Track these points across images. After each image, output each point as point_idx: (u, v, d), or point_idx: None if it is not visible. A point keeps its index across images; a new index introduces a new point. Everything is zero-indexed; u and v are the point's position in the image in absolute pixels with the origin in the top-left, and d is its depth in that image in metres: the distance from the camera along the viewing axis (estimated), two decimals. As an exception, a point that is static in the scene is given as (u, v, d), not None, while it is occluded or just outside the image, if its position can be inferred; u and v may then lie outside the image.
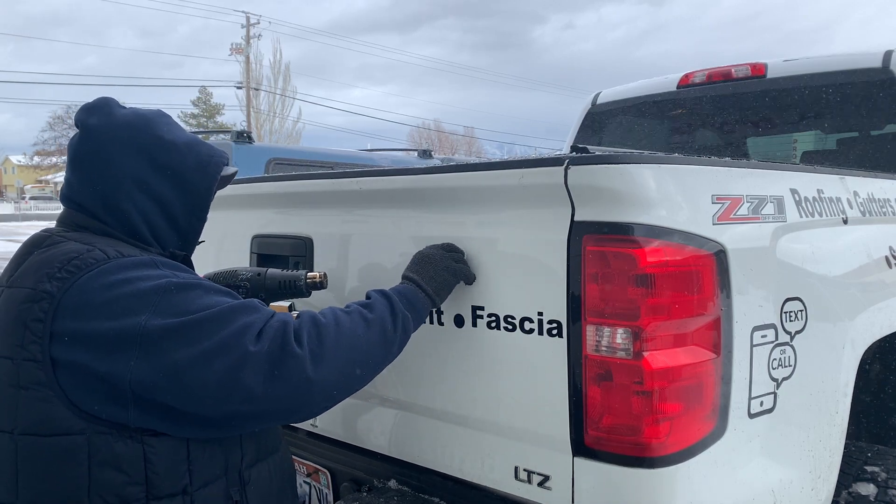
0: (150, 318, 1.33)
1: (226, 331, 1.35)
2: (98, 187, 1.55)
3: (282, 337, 1.38)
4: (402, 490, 1.97)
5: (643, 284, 1.45)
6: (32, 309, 1.37)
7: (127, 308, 1.34)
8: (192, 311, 1.36)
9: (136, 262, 1.42)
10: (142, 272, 1.40)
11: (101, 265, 1.39)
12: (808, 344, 1.75)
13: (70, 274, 1.38)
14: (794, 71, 3.48)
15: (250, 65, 38.43)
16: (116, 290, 1.36)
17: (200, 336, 1.34)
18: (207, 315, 1.36)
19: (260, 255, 2.27)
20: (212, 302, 1.39)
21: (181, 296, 1.37)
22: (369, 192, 1.96)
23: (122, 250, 1.46)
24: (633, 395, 1.46)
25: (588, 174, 1.48)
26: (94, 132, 1.57)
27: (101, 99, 1.64)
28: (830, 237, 1.96)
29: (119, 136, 1.57)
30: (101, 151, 1.56)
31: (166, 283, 1.38)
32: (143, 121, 1.61)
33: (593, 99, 4.25)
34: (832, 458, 1.85)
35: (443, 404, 1.83)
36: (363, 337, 1.51)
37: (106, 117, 1.59)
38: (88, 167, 1.56)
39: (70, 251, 1.43)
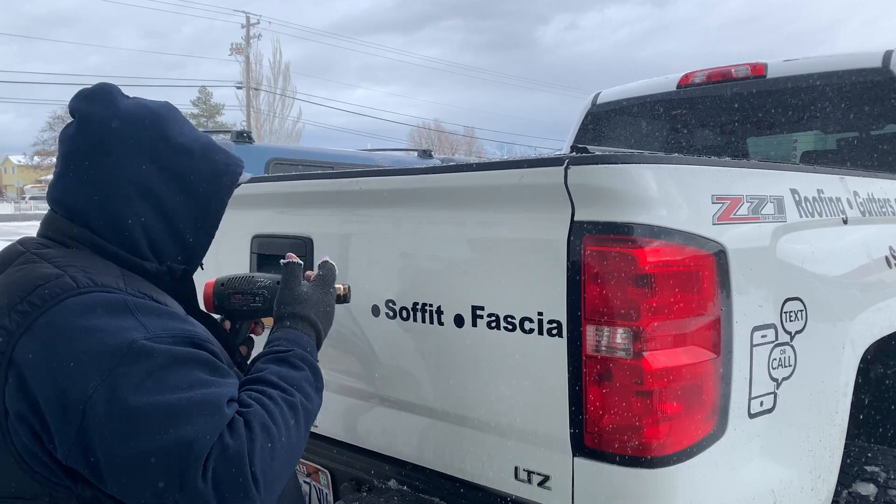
0: (98, 386, 1.12)
1: (176, 437, 1.12)
2: (94, 190, 1.35)
3: (236, 473, 1.15)
4: (402, 490, 1.97)
5: (643, 284, 1.45)
6: None
7: (79, 367, 1.14)
8: (146, 391, 1.14)
9: (106, 303, 1.21)
10: (108, 321, 1.18)
11: (67, 298, 1.19)
12: (808, 344, 1.75)
13: (32, 307, 1.18)
14: (794, 71, 3.48)
15: (250, 65, 38.44)
16: (74, 342, 1.15)
17: (145, 432, 1.12)
18: (161, 407, 1.13)
19: (260, 255, 2.27)
20: (174, 382, 1.16)
21: (140, 365, 1.15)
22: (369, 192, 1.96)
23: (97, 278, 1.25)
24: (633, 395, 1.46)
25: (588, 174, 1.48)
26: (93, 124, 1.37)
27: (101, 85, 1.44)
28: (830, 237, 1.96)
29: (123, 131, 1.37)
30: (100, 148, 1.36)
31: (128, 346, 1.16)
32: (152, 116, 1.42)
33: (593, 99, 4.24)
34: (832, 458, 1.85)
35: (443, 404, 1.83)
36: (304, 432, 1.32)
37: (108, 108, 1.39)
38: (85, 165, 1.36)
39: (38, 277, 1.23)
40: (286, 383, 1.32)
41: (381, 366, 1.98)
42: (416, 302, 1.83)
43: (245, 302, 1.75)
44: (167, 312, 1.28)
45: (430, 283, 1.82)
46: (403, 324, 1.87)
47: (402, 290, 1.88)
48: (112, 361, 1.14)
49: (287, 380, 1.33)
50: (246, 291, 1.75)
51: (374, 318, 1.93)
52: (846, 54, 3.42)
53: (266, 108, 39.24)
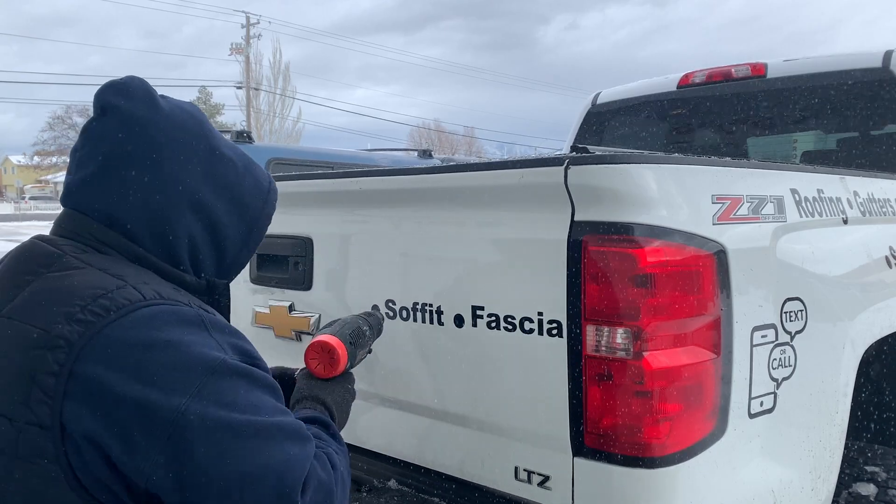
0: (190, 402, 1.04)
1: (276, 458, 1.08)
2: (145, 198, 1.23)
3: (325, 497, 1.14)
4: (402, 490, 1.97)
5: (643, 284, 1.45)
6: (45, 359, 1.05)
7: (166, 381, 1.04)
8: (241, 410, 1.08)
9: (180, 315, 1.12)
10: (188, 334, 1.10)
11: (136, 310, 1.09)
12: (808, 344, 1.75)
13: (96, 317, 1.07)
14: (794, 71, 3.48)
15: (250, 65, 38.44)
16: (155, 353, 1.06)
17: (245, 450, 1.06)
18: (259, 427, 1.08)
19: (260, 255, 2.27)
20: (263, 404, 1.12)
21: (231, 384, 1.09)
22: (369, 192, 1.96)
23: (160, 289, 1.16)
24: (634, 395, 1.46)
25: (588, 174, 1.48)
26: (140, 126, 1.24)
27: (136, 80, 1.30)
28: (830, 237, 1.96)
29: (176, 138, 1.27)
30: (152, 154, 1.24)
31: (219, 362, 1.09)
32: (197, 122, 1.32)
33: (593, 99, 4.24)
34: (832, 458, 1.85)
35: (443, 404, 1.83)
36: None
37: (152, 108, 1.27)
38: (133, 171, 1.23)
39: (95, 285, 1.11)
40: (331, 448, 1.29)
41: (380, 366, 1.98)
42: (416, 302, 1.83)
43: (363, 356, 1.68)
44: (234, 331, 1.21)
45: (430, 283, 1.82)
46: (403, 324, 1.87)
47: (402, 290, 1.88)
48: (203, 376, 1.06)
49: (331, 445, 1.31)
50: (364, 345, 1.67)
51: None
52: (846, 54, 3.42)
53: (266, 108, 39.26)
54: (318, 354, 1.54)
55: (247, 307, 2.31)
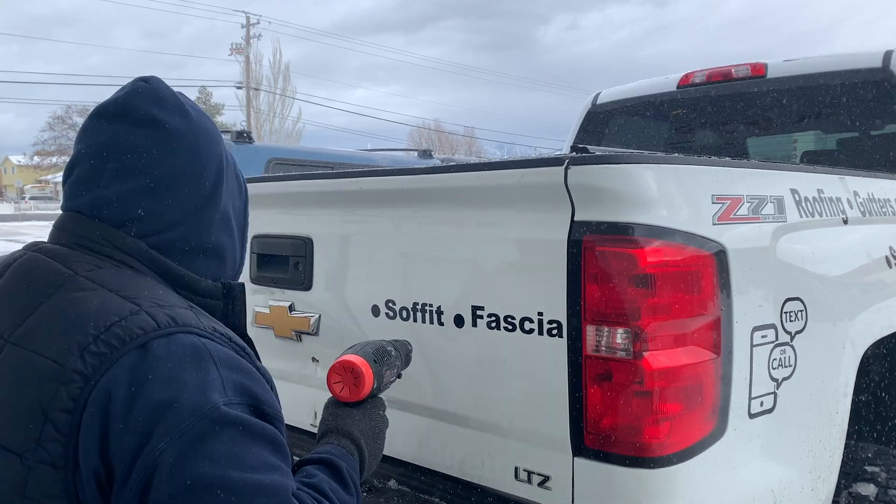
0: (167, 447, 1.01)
1: None
2: (186, 213, 1.24)
3: None
4: (402, 490, 1.97)
5: (643, 284, 1.45)
6: (59, 394, 1.02)
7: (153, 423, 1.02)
8: (218, 464, 1.03)
9: (190, 350, 1.09)
10: (191, 373, 1.06)
11: (150, 340, 1.06)
12: (809, 344, 1.75)
13: (110, 349, 1.04)
14: (794, 71, 3.48)
15: (250, 65, 38.45)
16: (154, 393, 1.03)
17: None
18: (232, 484, 1.03)
19: (260, 255, 2.27)
20: (247, 459, 1.06)
21: (217, 434, 1.04)
22: (369, 192, 1.96)
23: (174, 314, 1.12)
24: (634, 395, 1.46)
25: (588, 174, 1.48)
26: (183, 140, 1.24)
27: (162, 85, 1.28)
28: (830, 237, 1.96)
29: (211, 151, 1.27)
30: (201, 171, 1.25)
31: (209, 409, 1.04)
32: (214, 128, 1.33)
33: (593, 99, 4.24)
34: (832, 458, 1.85)
35: (443, 404, 1.83)
36: None
37: (187, 119, 1.26)
38: (182, 188, 1.23)
39: (108, 311, 1.08)
40: (337, 500, 1.24)
41: (381, 366, 1.98)
42: (416, 302, 1.83)
43: (390, 377, 1.60)
44: (244, 368, 1.15)
45: (430, 283, 1.82)
46: (403, 324, 1.87)
47: (402, 290, 1.88)
48: (188, 422, 1.02)
49: (339, 497, 1.25)
50: (391, 365, 1.59)
51: (375, 318, 1.93)
52: (846, 54, 3.42)
53: (266, 108, 39.26)
54: (342, 375, 1.46)
55: (247, 307, 2.31)
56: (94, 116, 1.27)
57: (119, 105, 1.24)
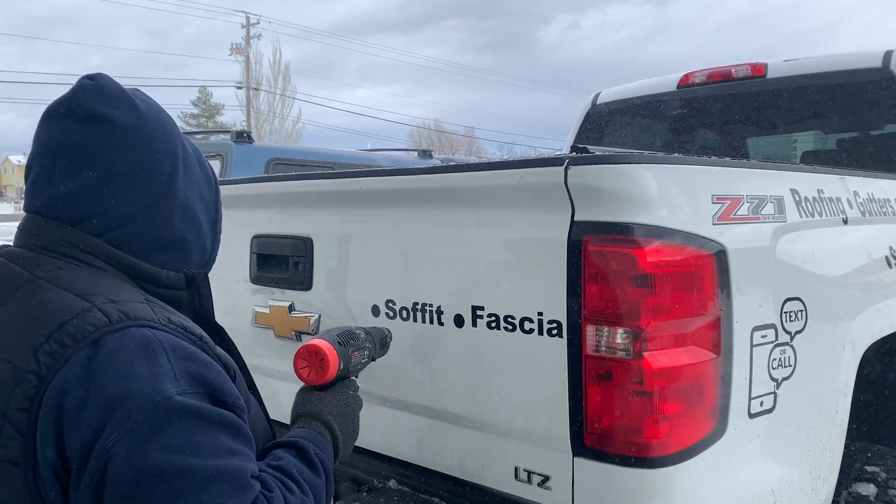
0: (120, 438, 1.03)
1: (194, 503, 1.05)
2: (143, 208, 1.24)
3: None
4: (402, 490, 1.97)
5: (643, 284, 1.45)
6: (14, 394, 1.05)
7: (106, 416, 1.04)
8: (173, 452, 1.04)
9: (141, 343, 1.10)
10: (143, 365, 1.08)
11: (102, 336, 1.08)
12: (808, 344, 1.75)
13: (63, 348, 1.06)
14: (794, 71, 3.48)
15: (250, 65, 38.45)
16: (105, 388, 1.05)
17: (166, 495, 1.03)
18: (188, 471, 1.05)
19: (259, 255, 2.27)
20: (203, 446, 1.07)
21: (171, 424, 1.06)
22: (369, 192, 1.96)
23: (127, 308, 1.13)
24: (633, 395, 1.46)
25: (588, 174, 1.48)
26: (132, 135, 1.24)
27: (109, 82, 1.28)
28: (830, 237, 1.96)
29: (163, 143, 1.28)
30: (151, 165, 1.25)
31: (162, 400, 1.06)
32: (170, 122, 1.32)
33: (593, 99, 4.24)
34: (832, 458, 1.85)
35: (443, 404, 1.83)
36: None
37: (133, 113, 1.26)
38: (134, 183, 1.23)
39: (62, 310, 1.10)
40: (304, 481, 1.25)
41: (381, 366, 1.98)
42: (416, 302, 1.83)
43: (359, 359, 1.62)
44: (199, 358, 1.16)
45: (430, 283, 1.82)
46: (403, 324, 1.87)
47: (402, 290, 1.88)
48: (140, 414, 1.04)
49: (305, 477, 1.26)
50: (359, 347, 1.62)
51: (375, 318, 1.93)
52: (846, 54, 3.42)
53: (266, 108, 39.26)
54: (307, 360, 1.49)
55: (247, 307, 2.31)
56: (43, 117, 1.27)
57: (65, 104, 1.25)
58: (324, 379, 1.49)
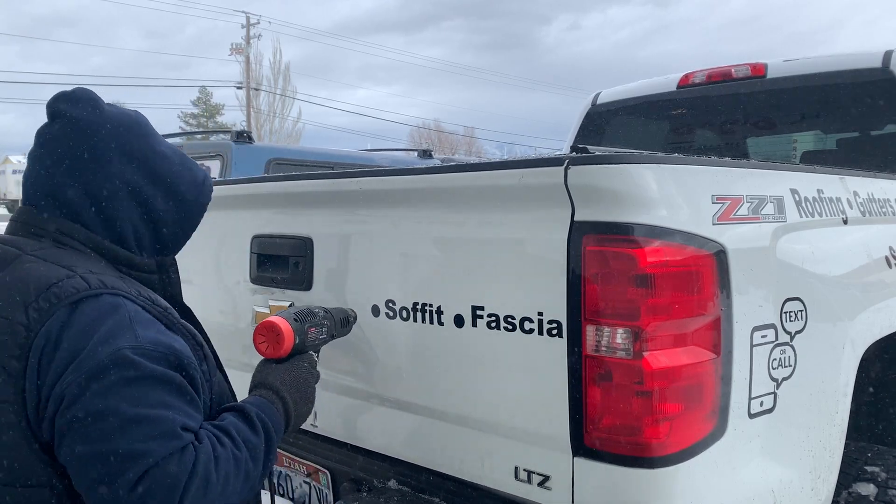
0: (73, 383, 1.23)
1: (123, 446, 1.20)
2: (89, 190, 1.43)
3: (163, 499, 1.21)
4: (402, 490, 1.97)
5: (643, 284, 1.45)
6: (8, 344, 1.26)
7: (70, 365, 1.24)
8: (111, 398, 1.22)
9: (111, 308, 1.30)
10: (108, 325, 1.28)
11: (81, 298, 1.29)
12: (808, 344, 1.75)
13: (49, 305, 1.27)
14: (794, 71, 3.48)
15: (250, 65, 38.44)
16: (74, 341, 1.25)
17: (100, 434, 1.21)
18: (119, 416, 1.21)
19: (260, 255, 2.27)
20: (139, 396, 1.24)
21: (115, 374, 1.23)
22: (369, 192, 1.96)
23: (104, 279, 1.35)
24: (633, 395, 1.46)
25: (588, 174, 1.48)
26: (84, 128, 1.44)
27: (82, 90, 1.51)
28: (830, 237, 1.96)
29: (115, 136, 1.46)
30: (94, 150, 1.44)
31: (113, 352, 1.25)
32: (136, 124, 1.52)
33: (593, 99, 4.24)
34: (832, 458, 1.85)
35: (443, 404, 1.83)
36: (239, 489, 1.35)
37: (94, 112, 1.47)
38: (78, 167, 1.43)
39: (49, 276, 1.31)
40: (240, 438, 1.38)
41: (381, 366, 1.98)
42: (416, 302, 1.83)
43: (317, 335, 1.74)
44: (157, 324, 1.36)
45: (430, 283, 1.82)
46: (403, 324, 1.87)
47: (402, 290, 1.88)
48: (93, 365, 1.23)
49: (242, 436, 1.39)
50: (317, 324, 1.74)
51: (374, 318, 1.94)
52: (846, 54, 3.42)
53: (266, 108, 39.24)
54: (264, 335, 1.62)
55: (247, 307, 2.31)
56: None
57: (47, 108, 1.48)
58: (279, 353, 1.62)
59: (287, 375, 1.61)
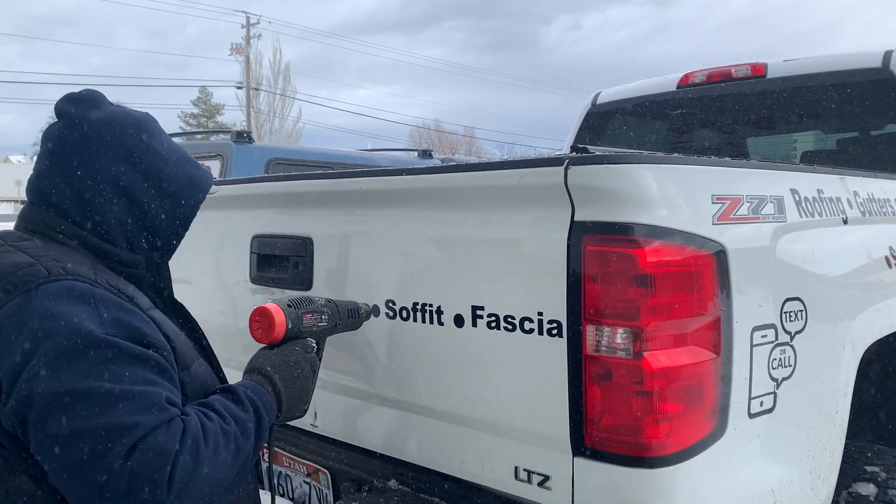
0: (41, 366, 1.22)
1: (110, 420, 1.21)
2: (78, 186, 1.46)
3: (155, 469, 1.21)
4: (402, 490, 1.97)
5: (643, 284, 1.45)
6: None
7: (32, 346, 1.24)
8: (90, 377, 1.22)
9: (73, 291, 1.31)
10: (70, 307, 1.28)
11: (40, 285, 1.30)
12: (808, 344, 1.75)
13: (6, 293, 1.29)
14: (794, 71, 3.48)
15: (250, 65, 38.44)
16: (35, 323, 1.26)
17: (81, 412, 1.20)
18: (102, 393, 1.22)
19: (260, 255, 2.27)
20: (120, 374, 1.25)
21: (90, 355, 1.24)
22: (369, 192, 1.96)
23: (68, 266, 1.35)
24: (633, 395, 1.46)
25: (588, 174, 1.48)
26: (79, 126, 1.48)
27: (88, 91, 1.55)
28: (830, 237, 1.96)
29: (106, 134, 1.48)
30: (85, 148, 1.47)
31: (83, 334, 1.25)
32: (134, 122, 1.54)
33: (593, 99, 4.24)
34: (832, 458, 1.85)
35: (443, 404, 1.83)
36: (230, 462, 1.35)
37: (93, 111, 1.51)
38: (70, 163, 1.47)
39: (11, 265, 1.34)
40: (228, 413, 1.39)
41: (381, 366, 1.98)
42: (416, 302, 1.83)
43: (315, 321, 1.72)
44: (127, 308, 1.37)
45: (430, 283, 1.82)
46: (403, 324, 1.87)
47: (402, 290, 1.88)
48: (61, 345, 1.23)
49: (230, 411, 1.40)
50: (313, 310, 1.73)
51: (375, 317, 1.94)
52: (846, 54, 3.42)
53: (266, 108, 39.23)
54: (259, 321, 1.64)
55: (247, 307, 2.31)
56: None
57: (53, 109, 1.52)
58: (270, 337, 1.63)
59: (278, 359, 1.60)
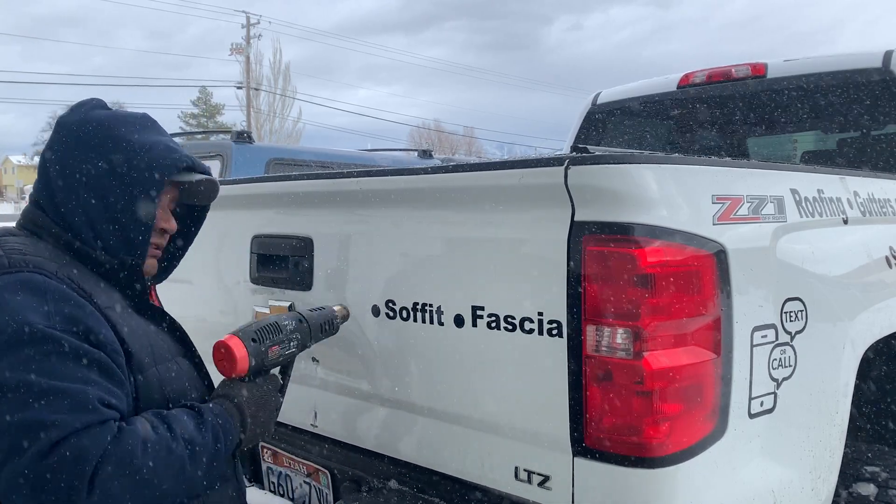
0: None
1: (33, 416, 1.20)
2: (51, 184, 1.52)
3: (72, 471, 1.19)
4: (402, 490, 1.97)
5: (643, 284, 1.45)
6: None
7: None
8: (21, 370, 1.23)
9: (27, 283, 1.33)
10: (21, 299, 1.30)
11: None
12: (809, 344, 1.75)
13: None
14: (794, 71, 3.48)
15: (250, 65, 38.43)
16: None
17: (7, 404, 1.21)
18: (29, 387, 1.22)
19: (260, 255, 2.27)
20: (53, 370, 1.25)
21: (27, 348, 1.25)
22: (369, 192, 1.96)
23: (32, 261, 1.38)
24: (634, 395, 1.46)
25: (588, 174, 1.48)
26: (61, 128, 1.54)
27: (91, 99, 1.60)
28: (830, 237, 1.96)
29: (80, 133, 1.52)
30: (57, 147, 1.53)
31: (23, 327, 1.26)
32: (115, 121, 1.55)
33: (593, 99, 4.24)
34: (832, 458, 1.85)
35: (443, 404, 1.83)
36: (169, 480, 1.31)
37: (79, 114, 1.55)
38: (48, 160, 1.53)
39: None
40: (180, 431, 1.35)
41: (381, 366, 1.98)
42: (416, 302, 1.83)
43: (281, 352, 1.68)
44: (79, 304, 1.35)
45: (430, 283, 1.82)
46: (403, 324, 1.87)
47: (402, 290, 1.88)
48: (6, 336, 1.24)
49: (184, 430, 1.37)
50: (280, 340, 1.67)
51: (374, 318, 1.94)
52: (846, 54, 3.42)
53: (266, 108, 39.23)
54: (221, 355, 1.59)
55: (247, 307, 2.31)
56: None
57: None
58: (234, 373, 1.59)
59: (250, 394, 1.58)
